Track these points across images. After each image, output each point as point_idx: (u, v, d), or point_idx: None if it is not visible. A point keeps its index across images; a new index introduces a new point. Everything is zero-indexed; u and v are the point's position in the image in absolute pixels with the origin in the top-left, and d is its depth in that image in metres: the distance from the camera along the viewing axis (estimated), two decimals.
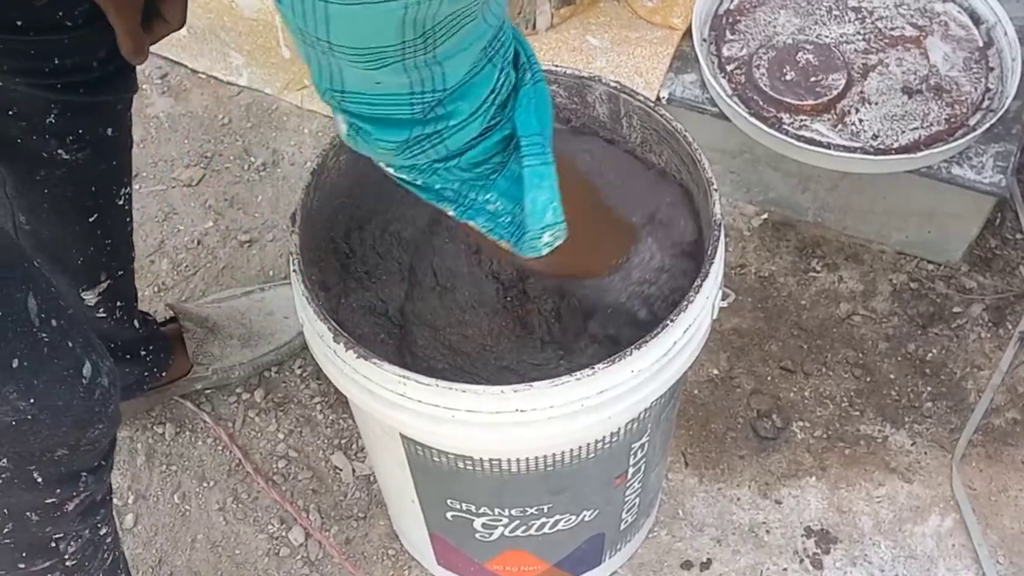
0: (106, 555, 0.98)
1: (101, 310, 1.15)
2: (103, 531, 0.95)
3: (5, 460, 0.77)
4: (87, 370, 0.78)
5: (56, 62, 0.92)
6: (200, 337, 1.33)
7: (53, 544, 0.89)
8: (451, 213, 0.73)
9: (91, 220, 1.06)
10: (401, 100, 0.62)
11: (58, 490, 0.83)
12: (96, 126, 1.00)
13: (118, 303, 1.17)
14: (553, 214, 0.71)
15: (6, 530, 0.84)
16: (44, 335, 0.74)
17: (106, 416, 0.82)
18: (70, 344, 0.77)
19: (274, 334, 1.38)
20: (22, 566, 0.89)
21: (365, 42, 0.57)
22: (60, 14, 0.89)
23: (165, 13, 0.92)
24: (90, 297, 1.13)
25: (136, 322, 1.22)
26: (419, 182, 0.71)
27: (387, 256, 0.99)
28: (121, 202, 1.10)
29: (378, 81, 0.61)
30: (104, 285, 1.13)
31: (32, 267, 0.75)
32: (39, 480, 0.80)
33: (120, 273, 1.15)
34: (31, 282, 0.74)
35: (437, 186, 0.71)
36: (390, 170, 0.70)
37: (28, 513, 0.84)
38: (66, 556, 0.90)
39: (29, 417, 0.75)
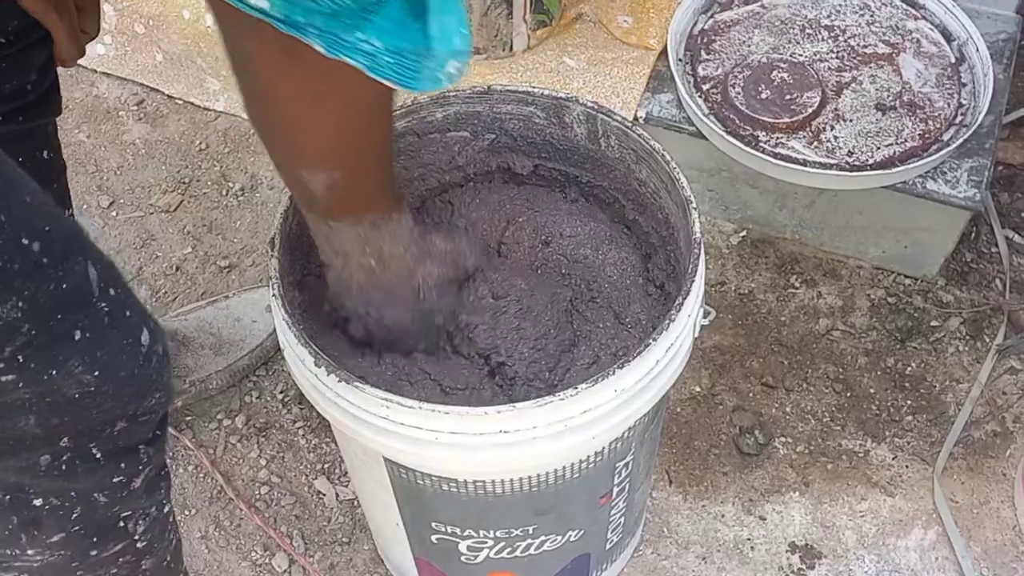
0: (171, 536, 0.97)
1: None
2: (166, 509, 0.94)
3: (66, 439, 0.76)
4: (145, 338, 0.77)
5: None
6: (172, 350, 1.33)
7: (122, 524, 0.87)
8: (319, 49, 0.65)
9: None
10: None
11: (121, 465, 0.82)
12: (34, 151, 1.00)
13: None
14: (461, 40, 0.67)
15: (75, 515, 0.83)
16: (104, 304, 0.72)
17: (163, 384, 0.81)
18: (128, 313, 0.75)
19: (245, 339, 1.39)
20: (94, 552, 0.87)
21: None
22: None
23: (82, 25, 0.95)
24: None
25: None
26: (280, 12, 0.64)
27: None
28: None
29: None
30: None
31: (87, 237, 0.73)
32: (99, 456, 0.79)
33: None
34: (89, 251, 0.72)
35: (301, 18, 0.64)
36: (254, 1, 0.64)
37: (96, 494, 0.82)
38: (136, 536, 0.89)
39: (92, 389, 0.73)
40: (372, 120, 0.77)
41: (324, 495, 1.32)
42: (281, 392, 1.40)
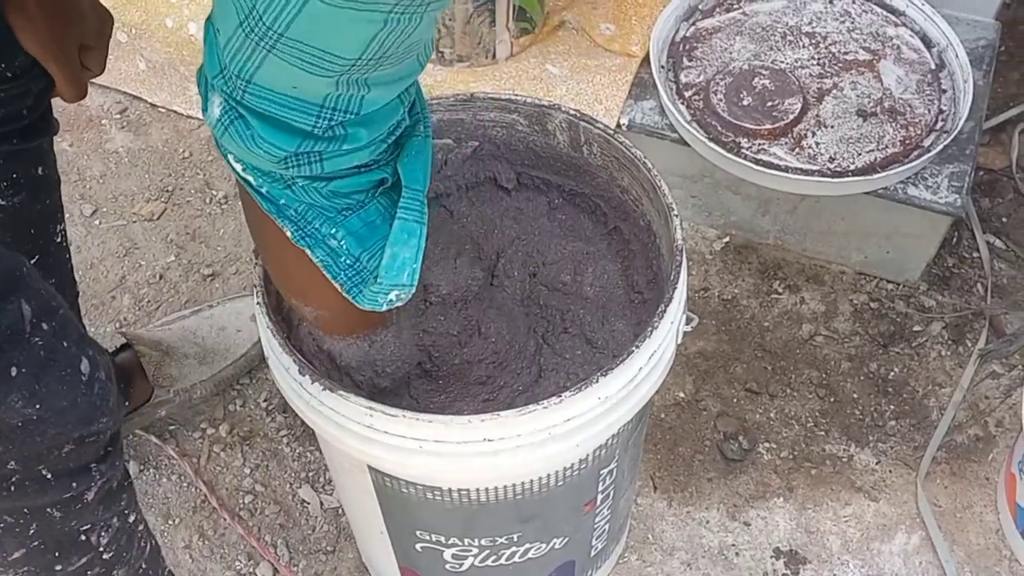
0: (143, 544, 0.97)
1: None
2: (132, 518, 0.94)
3: (13, 463, 0.77)
4: (84, 367, 0.78)
5: None
6: (157, 360, 1.33)
7: (83, 537, 0.87)
8: (288, 233, 0.69)
9: (33, 262, 1.06)
10: (309, 110, 0.60)
11: (72, 484, 0.82)
12: (28, 168, 1.01)
13: None
14: (410, 275, 0.70)
15: (32, 531, 0.83)
16: (38, 339, 0.73)
17: (108, 409, 0.82)
18: (65, 344, 0.77)
19: (229, 348, 1.38)
20: (59, 567, 0.87)
21: (324, 45, 0.55)
22: (2, 66, 0.91)
23: (87, 63, 0.98)
24: None
25: None
26: (264, 190, 0.67)
27: None
28: (59, 239, 1.11)
29: (295, 85, 0.58)
30: None
31: (24, 271, 0.74)
32: (49, 477, 0.80)
33: None
34: (23, 289, 0.73)
35: (282, 201, 0.68)
36: (238, 166, 0.67)
37: (49, 510, 0.83)
38: (101, 548, 0.89)
39: (35, 418, 0.74)
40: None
41: (308, 504, 1.32)
42: (265, 401, 1.40)
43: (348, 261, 0.70)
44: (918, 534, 1.29)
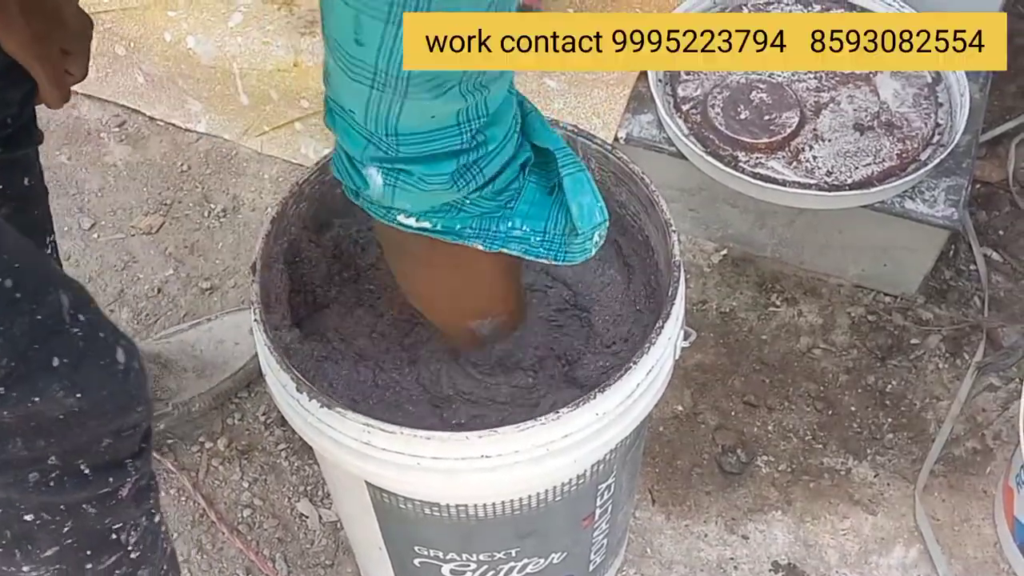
0: (165, 545, 0.99)
1: None
2: (157, 519, 0.95)
3: (54, 457, 0.79)
4: (120, 356, 0.80)
5: None
6: (155, 373, 1.33)
7: (114, 536, 0.89)
8: (480, 247, 0.76)
9: None
10: (451, 131, 0.67)
11: (109, 479, 0.84)
12: (14, 179, 1.02)
13: None
14: (601, 213, 0.75)
15: (66, 528, 0.84)
16: (76, 330, 0.76)
17: (143, 398, 0.84)
18: (101, 334, 0.79)
19: (227, 362, 1.38)
20: (89, 566, 0.89)
21: None
22: None
23: (70, 68, 0.99)
24: None
25: None
26: (440, 227, 0.74)
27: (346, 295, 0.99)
28: (48, 251, 1.11)
29: (434, 115, 0.65)
30: None
31: (55, 266, 0.77)
32: (87, 472, 0.82)
33: None
34: (59, 280, 0.76)
35: (458, 226, 0.74)
36: (411, 220, 0.73)
37: (84, 506, 0.84)
38: (129, 547, 0.91)
39: (76, 410, 0.76)
40: (518, 269, 0.88)
41: (307, 517, 1.32)
42: (263, 414, 1.40)
43: (538, 239, 0.77)
44: (916, 547, 1.29)
